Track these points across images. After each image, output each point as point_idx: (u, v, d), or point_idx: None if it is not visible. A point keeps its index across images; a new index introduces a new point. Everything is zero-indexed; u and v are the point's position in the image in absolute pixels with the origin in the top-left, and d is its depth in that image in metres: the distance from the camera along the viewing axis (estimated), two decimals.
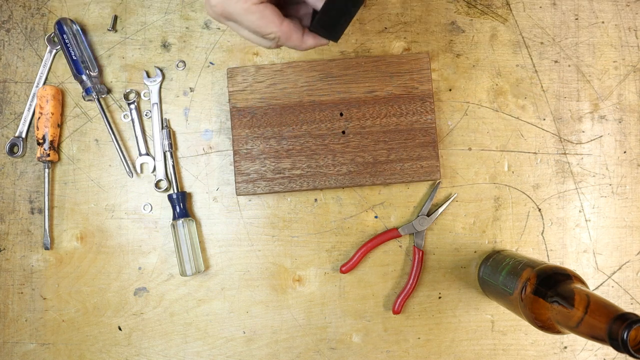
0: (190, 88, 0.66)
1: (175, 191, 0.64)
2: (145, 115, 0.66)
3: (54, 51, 0.66)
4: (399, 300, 0.64)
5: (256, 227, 0.66)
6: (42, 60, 0.66)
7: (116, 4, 0.67)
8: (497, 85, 0.67)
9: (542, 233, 0.66)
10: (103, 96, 0.66)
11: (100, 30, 0.66)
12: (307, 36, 0.44)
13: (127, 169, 0.64)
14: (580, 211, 0.66)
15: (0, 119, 0.66)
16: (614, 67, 0.67)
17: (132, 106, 0.65)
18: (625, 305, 0.66)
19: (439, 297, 0.66)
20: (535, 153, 0.66)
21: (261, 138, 0.63)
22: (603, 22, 0.67)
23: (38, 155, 0.63)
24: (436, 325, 0.65)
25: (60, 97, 0.65)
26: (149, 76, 0.66)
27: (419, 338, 0.65)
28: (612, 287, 0.66)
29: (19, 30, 0.66)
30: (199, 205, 0.66)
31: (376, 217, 0.66)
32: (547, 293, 0.48)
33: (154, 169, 0.65)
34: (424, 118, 0.64)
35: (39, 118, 0.63)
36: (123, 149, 0.65)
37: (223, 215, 0.65)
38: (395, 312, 0.64)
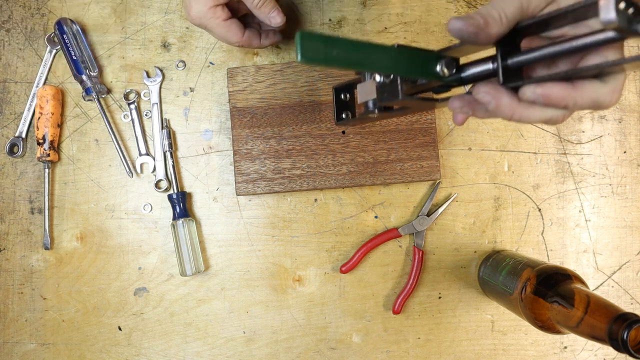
0: (190, 88, 0.66)
1: (175, 191, 0.64)
2: (145, 115, 0.66)
3: (54, 51, 0.66)
4: (399, 300, 0.64)
5: (256, 227, 0.66)
6: (42, 60, 0.66)
7: (116, 4, 0.67)
8: None
9: (542, 233, 0.66)
10: (103, 96, 0.66)
11: (100, 30, 0.66)
12: (264, 39, 0.60)
13: (127, 169, 0.64)
14: (580, 211, 0.66)
15: (0, 119, 0.66)
16: None
17: (132, 106, 0.65)
18: (625, 305, 0.66)
19: (439, 297, 0.66)
20: (535, 153, 0.66)
21: (261, 138, 0.63)
22: None
23: (38, 155, 0.63)
24: (436, 325, 0.65)
25: (60, 97, 0.65)
26: (149, 76, 0.66)
27: (419, 338, 0.65)
28: (612, 287, 0.66)
29: (19, 30, 0.66)
30: (199, 205, 0.66)
31: (376, 217, 0.66)
32: (547, 293, 0.48)
33: (154, 169, 0.65)
34: (424, 118, 0.64)
35: (39, 118, 0.63)
36: (123, 149, 0.65)
37: (223, 215, 0.66)
38: (395, 312, 0.64)
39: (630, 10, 0.30)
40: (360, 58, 0.37)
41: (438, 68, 0.41)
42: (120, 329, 0.65)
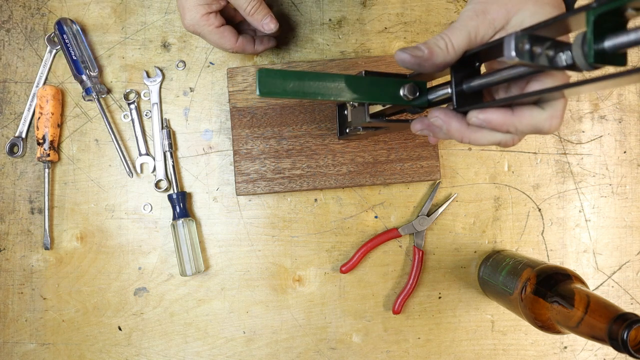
0: (190, 88, 0.66)
1: (175, 191, 0.64)
2: (145, 115, 0.66)
3: (54, 51, 0.66)
4: (399, 300, 0.64)
5: (256, 227, 0.66)
6: (42, 60, 0.66)
7: (116, 4, 0.67)
8: None
9: (542, 233, 0.66)
10: (103, 96, 0.66)
11: (100, 30, 0.66)
12: (258, 45, 0.61)
13: (127, 169, 0.64)
14: (580, 211, 0.66)
15: (0, 119, 0.66)
16: (614, 67, 0.67)
17: (132, 106, 0.65)
18: (625, 305, 0.66)
19: (439, 297, 0.66)
20: (535, 153, 0.66)
21: (261, 138, 0.63)
22: None
23: (38, 155, 0.63)
24: (436, 325, 0.65)
25: (60, 97, 0.65)
26: (149, 76, 0.66)
27: (419, 338, 0.65)
28: (612, 287, 0.66)
29: (19, 30, 0.66)
30: (199, 205, 0.66)
31: (376, 217, 0.66)
32: (547, 293, 0.48)
33: (154, 169, 0.65)
34: None
35: (39, 118, 0.63)
36: (123, 149, 0.65)
37: (223, 215, 0.65)
38: (395, 312, 0.64)
39: (539, 48, 0.32)
40: (317, 89, 0.40)
41: (401, 93, 0.43)
42: (120, 329, 0.65)
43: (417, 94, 0.44)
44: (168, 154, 0.65)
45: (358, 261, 0.64)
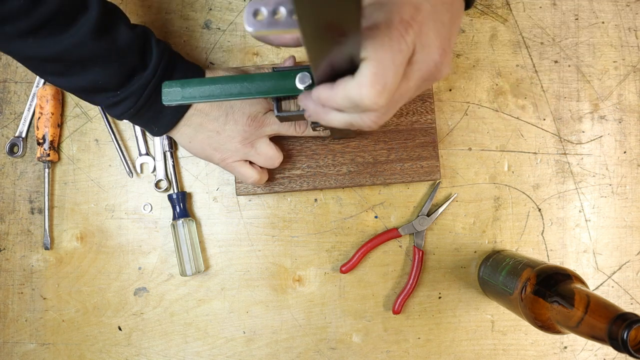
0: None
1: (175, 191, 0.64)
2: None
3: None
4: (399, 300, 0.64)
5: (256, 227, 0.66)
6: None
7: (116, 3, 0.66)
8: (497, 85, 0.67)
9: (542, 233, 0.66)
10: None
11: None
12: (299, 127, 0.59)
13: (127, 169, 0.64)
14: (580, 211, 0.66)
15: (0, 119, 0.66)
16: (614, 67, 0.67)
17: None
18: (625, 305, 0.66)
19: (439, 297, 0.66)
20: (535, 153, 0.66)
21: None
22: (603, 22, 0.67)
23: (38, 155, 0.63)
24: (436, 325, 0.65)
25: (60, 97, 0.65)
26: None
27: (419, 338, 0.65)
28: (612, 287, 0.66)
29: None
30: (199, 205, 0.66)
31: (376, 217, 0.66)
32: (547, 293, 0.48)
33: (154, 169, 0.65)
34: (424, 118, 0.64)
35: (39, 118, 0.63)
36: (123, 149, 0.65)
37: (223, 215, 0.65)
38: (395, 312, 0.64)
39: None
40: (214, 92, 0.43)
41: (296, 83, 0.43)
42: (120, 329, 0.65)
43: (309, 82, 0.42)
44: (168, 154, 0.65)
45: (358, 261, 0.64)
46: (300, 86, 0.42)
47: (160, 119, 0.54)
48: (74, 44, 0.45)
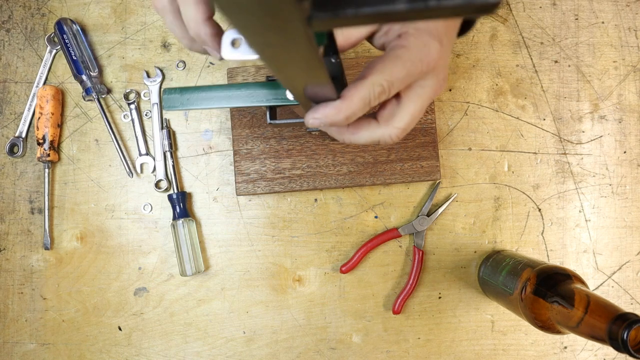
0: None
1: (175, 191, 0.64)
2: (145, 115, 0.66)
3: (54, 51, 0.66)
4: (399, 300, 0.64)
5: (256, 227, 0.66)
6: (42, 60, 0.66)
7: (116, 4, 0.67)
8: (497, 85, 0.67)
9: (542, 233, 0.66)
10: (103, 96, 0.66)
11: (100, 30, 0.66)
12: None
13: (127, 169, 0.64)
14: (580, 211, 0.66)
15: (0, 119, 0.66)
16: (614, 67, 0.67)
17: (132, 106, 0.65)
18: (625, 305, 0.66)
19: (439, 297, 0.65)
20: (535, 153, 0.66)
21: (261, 138, 0.63)
22: (603, 22, 0.67)
23: (38, 155, 0.63)
24: (436, 325, 0.65)
25: (60, 97, 0.65)
26: (149, 76, 0.66)
27: (419, 338, 0.65)
28: (612, 287, 0.66)
29: (19, 30, 0.66)
30: (199, 205, 0.66)
31: (376, 217, 0.66)
32: (547, 293, 0.48)
33: (154, 169, 0.65)
34: (424, 118, 0.64)
35: (39, 118, 0.63)
36: (123, 149, 0.65)
37: (223, 215, 0.65)
38: (395, 312, 0.64)
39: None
40: (211, 99, 0.44)
41: (287, 93, 0.44)
42: (120, 329, 0.65)
43: None
44: (168, 154, 0.65)
45: (358, 261, 0.64)
46: (289, 96, 0.43)
47: None
48: None
